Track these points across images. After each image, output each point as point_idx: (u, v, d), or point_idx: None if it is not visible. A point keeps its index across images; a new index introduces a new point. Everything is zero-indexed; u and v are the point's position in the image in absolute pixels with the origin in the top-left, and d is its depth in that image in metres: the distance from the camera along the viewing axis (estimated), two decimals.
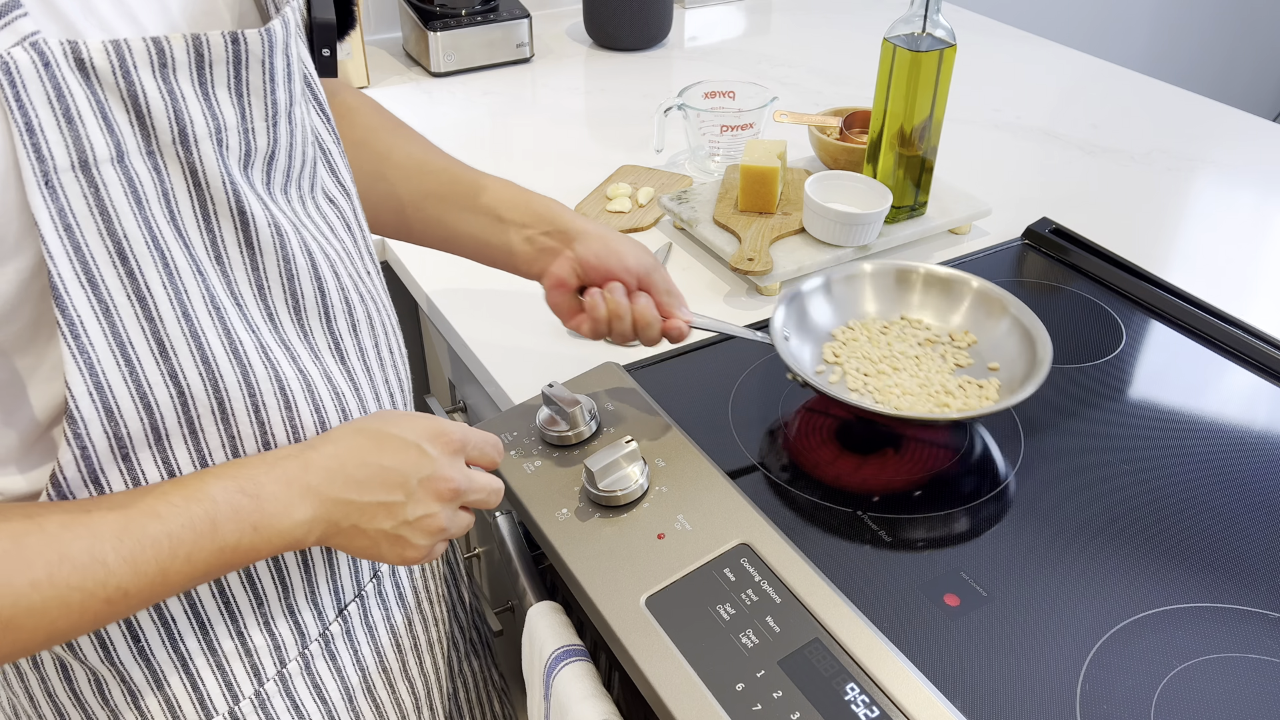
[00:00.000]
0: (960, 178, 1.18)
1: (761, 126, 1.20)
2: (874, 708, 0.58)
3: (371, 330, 0.65)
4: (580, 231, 0.76)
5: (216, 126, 0.52)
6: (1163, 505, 0.74)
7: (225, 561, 0.53)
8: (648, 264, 0.76)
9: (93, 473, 0.52)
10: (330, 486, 0.56)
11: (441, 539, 0.62)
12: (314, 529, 0.56)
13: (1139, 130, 1.35)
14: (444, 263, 1.04)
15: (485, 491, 0.64)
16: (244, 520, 0.53)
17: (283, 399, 0.57)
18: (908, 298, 0.88)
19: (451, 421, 0.64)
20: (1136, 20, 2.58)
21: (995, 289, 0.85)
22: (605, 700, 0.66)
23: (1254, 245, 1.10)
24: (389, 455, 0.58)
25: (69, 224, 0.47)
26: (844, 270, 0.88)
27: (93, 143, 0.47)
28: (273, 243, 0.56)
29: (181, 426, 0.54)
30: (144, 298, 0.50)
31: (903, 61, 0.96)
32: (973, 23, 1.71)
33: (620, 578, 0.66)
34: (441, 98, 1.42)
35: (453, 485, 0.60)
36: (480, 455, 0.64)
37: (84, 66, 0.46)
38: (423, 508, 0.59)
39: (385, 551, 0.60)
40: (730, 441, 0.80)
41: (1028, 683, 0.61)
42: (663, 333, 0.76)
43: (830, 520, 0.73)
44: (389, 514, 0.58)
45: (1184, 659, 0.63)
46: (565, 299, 0.77)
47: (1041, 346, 0.78)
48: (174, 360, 0.52)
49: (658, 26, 1.58)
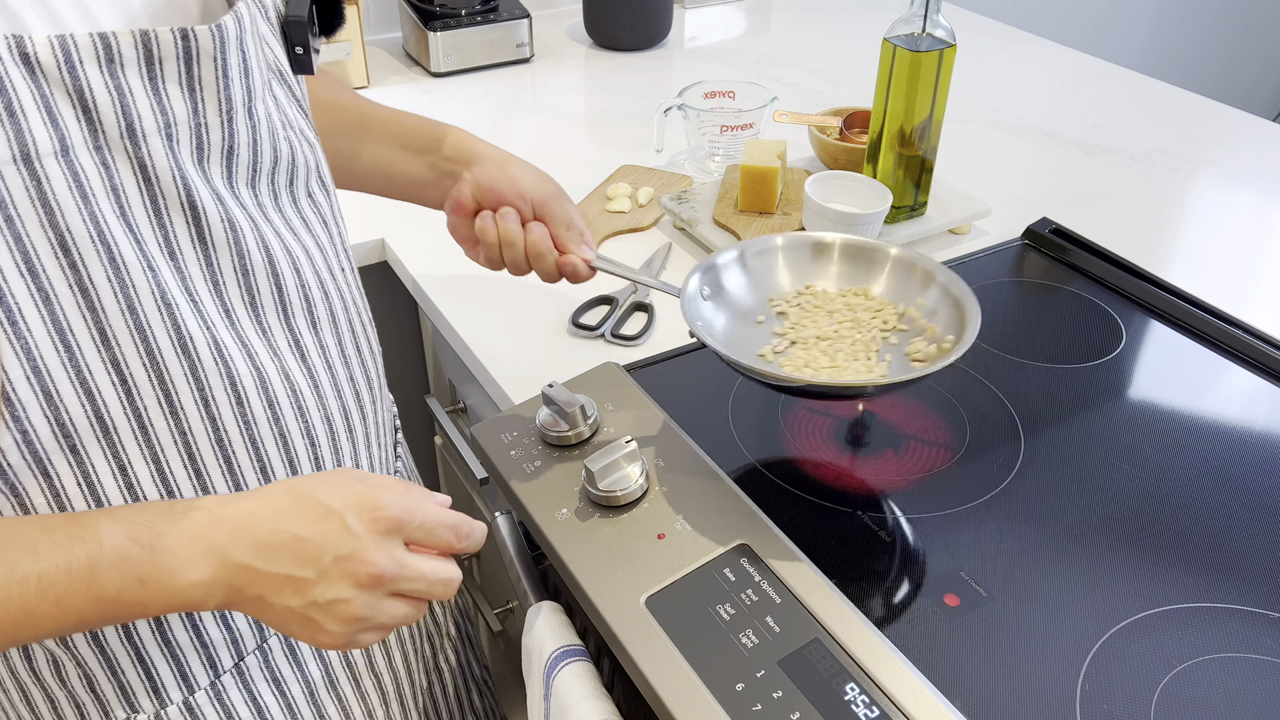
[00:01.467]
0: (960, 178, 1.18)
1: (761, 126, 1.20)
2: (874, 708, 0.58)
3: (335, 327, 0.65)
4: (478, 155, 0.75)
5: (166, 121, 0.52)
6: (1163, 505, 0.74)
7: (104, 613, 0.49)
8: (546, 191, 0.73)
9: (39, 460, 0.52)
10: (236, 549, 0.51)
11: (364, 629, 0.54)
12: (213, 593, 0.51)
13: (1139, 130, 1.35)
14: (444, 263, 1.04)
15: (425, 581, 0.55)
16: (129, 571, 0.49)
17: (234, 394, 0.57)
18: (825, 269, 0.82)
19: (398, 493, 0.55)
20: (1137, 20, 2.58)
21: (919, 256, 0.79)
22: (605, 700, 0.66)
23: (1254, 245, 1.10)
24: (307, 524, 0.52)
25: (9, 215, 0.47)
26: (758, 244, 0.81)
27: (35, 136, 0.47)
28: (226, 238, 0.56)
29: (129, 419, 0.54)
30: (86, 289, 0.50)
31: (903, 61, 0.96)
32: (973, 23, 1.71)
33: (620, 578, 0.66)
34: (441, 98, 1.42)
35: (373, 570, 0.52)
36: (427, 537, 0.55)
37: (29, 60, 0.46)
38: (334, 590, 0.52)
39: (296, 631, 0.53)
40: (730, 441, 0.80)
41: (1028, 683, 0.61)
42: (558, 268, 0.74)
43: (830, 520, 0.73)
44: (296, 591, 0.52)
45: (1184, 659, 0.63)
46: (464, 225, 0.76)
47: (969, 307, 0.72)
48: (116, 349, 0.52)
49: (658, 26, 1.58)
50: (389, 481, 0.56)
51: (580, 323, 0.94)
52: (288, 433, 0.61)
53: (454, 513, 0.57)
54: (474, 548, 0.58)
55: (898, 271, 0.80)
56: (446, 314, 0.98)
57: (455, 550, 0.57)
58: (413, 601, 0.55)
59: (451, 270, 1.03)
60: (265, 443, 0.60)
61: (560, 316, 0.96)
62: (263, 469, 0.61)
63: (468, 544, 0.57)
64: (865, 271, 0.81)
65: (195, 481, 0.58)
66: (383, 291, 1.15)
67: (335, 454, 0.66)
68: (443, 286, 1.01)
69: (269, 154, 0.59)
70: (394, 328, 1.20)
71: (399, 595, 0.55)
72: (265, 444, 0.60)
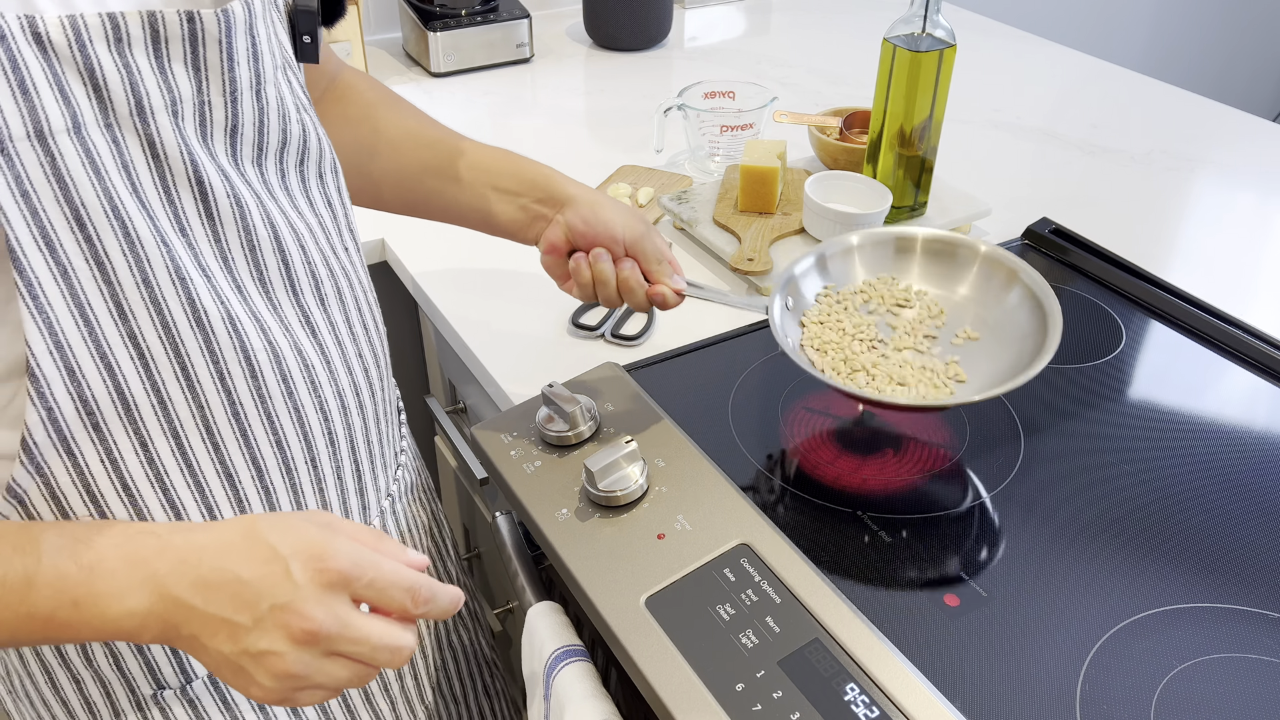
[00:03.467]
0: (960, 178, 1.18)
1: (761, 126, 1.20)
2: (874, 708, 0.58)
3: (342, 305, 0.65)
4: (570, 197, 0.76)
5: (173, 99, 0.53)
6: (1163, 505, 0.74)
7: (36, 632, 0.48)
8: (637, 231, 0.75)
9: (63, 439, 0.53)
10: (176, 582, 0.48)
11: (299, 688, 0.50)
12: (149, 625, 0.48)
13: (1139, 130, 1.35)
14: (443, 263, 1.04)
15: (368, 646, 0.50)
16: (64, 591, 0.47)
17: (248, 368, 0.58)
18: (907, 266, 0.84)
19: (352, 545, 0.50)
20: (1136, 20, 2.58)
21: (1004, 254, 0.80)
22: (605, 700, 0.66)
23: (1254, 245, 1.10)
24: (249, 566, 0.48)
25: (25, 190, 0.48)
26: (836, 244, 0.83)
27: (48, 113, 0.48)
28: (233, 213, 0.57)
29: (148, 394, 0.55)
30: (102, 263, 0.51)
31: (903, 61, 0.96)
32: (973, 23, 1.71)
33: (620, 578, 0.66)
34: (442, 98, 1.42)
35: (307, 626, 0.48)
36: (378, 597, 0.51)
37: (40, 40, 0.48)
38: (267, 642, 0.48)
39: (228, 677, 0.50)
40: (730, 441, 0.80)
41: (1028, 683, 0.61)
42: (648, 299, 0.76)
43: (830, 520, 0.73)
44: (230, 636, 0.48)
45: (1184, 659, 0.63)
46: (558, 264, 0.77)
47: (1052, 321, 0.73)
48: (133, 322, 0.53)
49: (658, 27, 1.58)
50: (355, 530, 0.52)
51: (580, 323, 0.94)
52: (302, 407, 0.62)
53: (413, 574, 0.52)
54: (437, 615, 0.53)
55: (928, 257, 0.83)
56: (446, 314, 0.98)
57: (410, 615, 0.52)
58: (356, 665, 0.51)
59: (451, 270, 1.03)
60: (280, 416, 0.61)
61: (560, 316, 0.96)
62: (278, 443, 0.62)
63: (426, 610, 0.52)
64: (891, 261, 0.84)
65: (214, 456, 0.59)
66: (383, 291, 1.15)
67: (348, 429, 0.67)
68: (443, 286, 1.01)
69: (277, 134, 0.60)
70: (394, 328, 1.20)
71: (340, 655, 0.50)
72: (280, 418, 0.61)
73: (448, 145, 0.80)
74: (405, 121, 0.81)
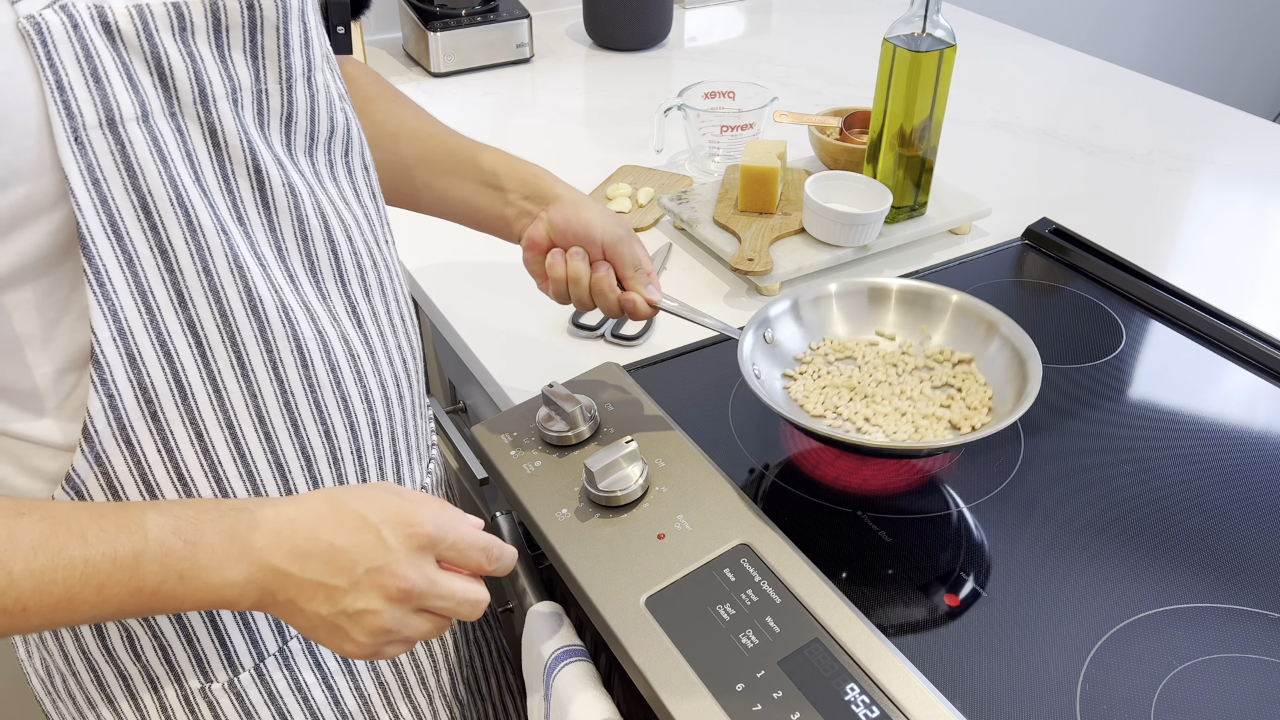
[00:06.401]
0: (960, 178, 1.18)
1: (761, 126, 1.20)
2: (874, 708, 0.58)
3: (384, 297, 0.67)
4: (555, 196, 0.77)
5: (232, 87, 0.54)
6: (1163, 505, 0.74)
7: (143, 604, 0.50)
8: (616, 235, 0.75)
9: (122, 427, 0.54)
10: (273, 553, 0.52)
11: (389, 641, 0.55)
12: (248, 593, 0.52)
13: (1139, 130, 1.35)
14: (443, 263, 1.04)
15: (453, 600, 0.56)
16: (170, 565, 0.50)
17: (299, 357, 0.59)
18: (882, 316, 0.84)
19: (433, 511, 0.56)
20: (1136, 20, 2.58)
21: (978, 304, 0.80)
22: (605, 700, 0.66)
23: (1254, 245, 1.10)
24: (342, 534, 0.53)
25: (96, 178, 0.49)
26: (811, 291, 0.84)
27: (119, 101, 0.49)
28: (288, 203, 0.58)
29: (204, 382, 0.56)
30: (165, 251, 0.52)
31: (903, 61, 0.96)
32: (973, 23, 1.71)
33: (620, 578, 0.66)
34: (442, 98, 1.42)
35: (403, 585, 0.53)
36: (459, 557, 0.56)
37: (110, 29, 0.49)
38: (364, 601, 0.53)
39: (323, 638, 0.55)
40: (730, 441, 0.80)
41: (1028, 683, 0.61)
42: (620, 305, 0.76)
43: (830, 520, 0.73)
44: (328, 599, 0.53)
45: (1184, 659, 0.63)
46: (537, 261, 0.78)
47: (1031, 363, 0.74)
48: (192, 310, 0.54)
49: (658, 27, 1.58)
50: (426, 499, 0.56)
51: (580, 323, 0.94)
52: (348, 396, 0.63)
53: (486, 534, 0.58)
54: (504, 571, 0.58)
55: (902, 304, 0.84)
56: (446, 314, 0.98)
57: (485, 571, 0.58)
58: (437, 618, 0.56)
59: (451, 270, 1.03)
60: (329, 407, 0.62)
61: (560, 316, 0.96)
62: (326, 434, 0.62)
63: (498, 566, 0.58)
64: (875, 313, 0.85)
65: (265, 445, 0.59)
66: None
67: (389, 419, 0.67)
68: (442, 287, 1.01)
69: (325, 123, 0.61)
70: None
71: (425, 611, 0.55)
72: (329, 408, 0.62)
73: (441, 140, 0.81)
74: (402, 114, 0.81)
